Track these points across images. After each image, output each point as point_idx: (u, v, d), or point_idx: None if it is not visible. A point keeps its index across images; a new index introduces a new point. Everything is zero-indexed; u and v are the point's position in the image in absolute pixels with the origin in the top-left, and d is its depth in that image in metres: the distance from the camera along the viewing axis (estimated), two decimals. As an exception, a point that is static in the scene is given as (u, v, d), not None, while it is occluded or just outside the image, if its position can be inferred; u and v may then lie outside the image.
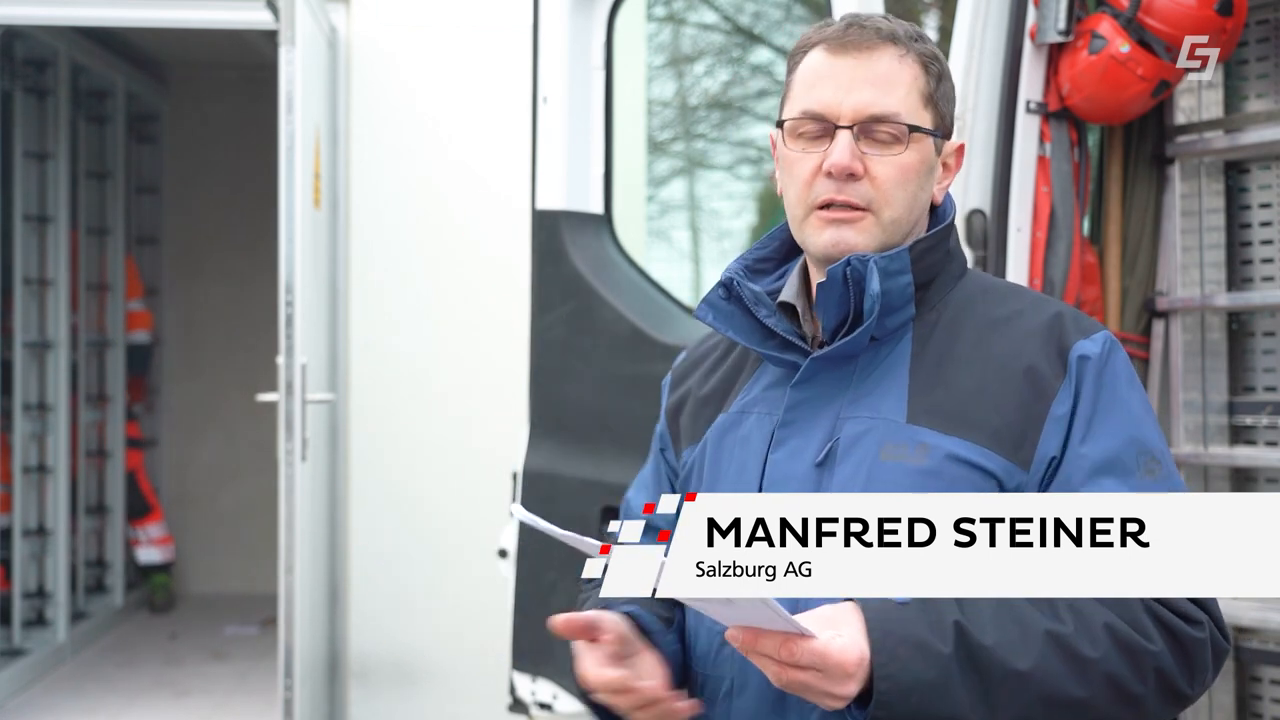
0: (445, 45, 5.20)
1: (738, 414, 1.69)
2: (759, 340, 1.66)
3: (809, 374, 1.62)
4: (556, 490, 3.38)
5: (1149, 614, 1.48)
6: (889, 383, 1.60)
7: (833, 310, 1.60)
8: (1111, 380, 1.57)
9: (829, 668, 1.36)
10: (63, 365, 6.14)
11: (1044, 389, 1.56)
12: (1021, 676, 1.42)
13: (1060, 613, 1.45)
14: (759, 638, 1.37)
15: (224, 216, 7.72)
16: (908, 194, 1.61)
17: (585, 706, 1.67)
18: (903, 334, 1.62)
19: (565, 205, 3.49)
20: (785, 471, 1.61)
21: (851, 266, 1.57)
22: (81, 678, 5.90)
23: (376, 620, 5.14)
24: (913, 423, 1.56)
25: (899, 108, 1.59)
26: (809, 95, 1.61)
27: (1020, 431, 1.54)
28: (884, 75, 1.59)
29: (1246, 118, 3.13)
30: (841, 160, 1.58)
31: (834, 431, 1.59)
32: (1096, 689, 1.44)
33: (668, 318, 3.39)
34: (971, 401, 1.56)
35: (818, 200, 1.60)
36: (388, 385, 5.15)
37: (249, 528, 7.43)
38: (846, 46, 1.60)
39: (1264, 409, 3.12)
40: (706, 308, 1.68)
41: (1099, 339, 1.59)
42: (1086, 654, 1.44)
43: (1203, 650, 1.51)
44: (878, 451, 1.56)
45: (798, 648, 1.35)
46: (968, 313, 1.64)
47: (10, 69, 5.85)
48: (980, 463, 1.53)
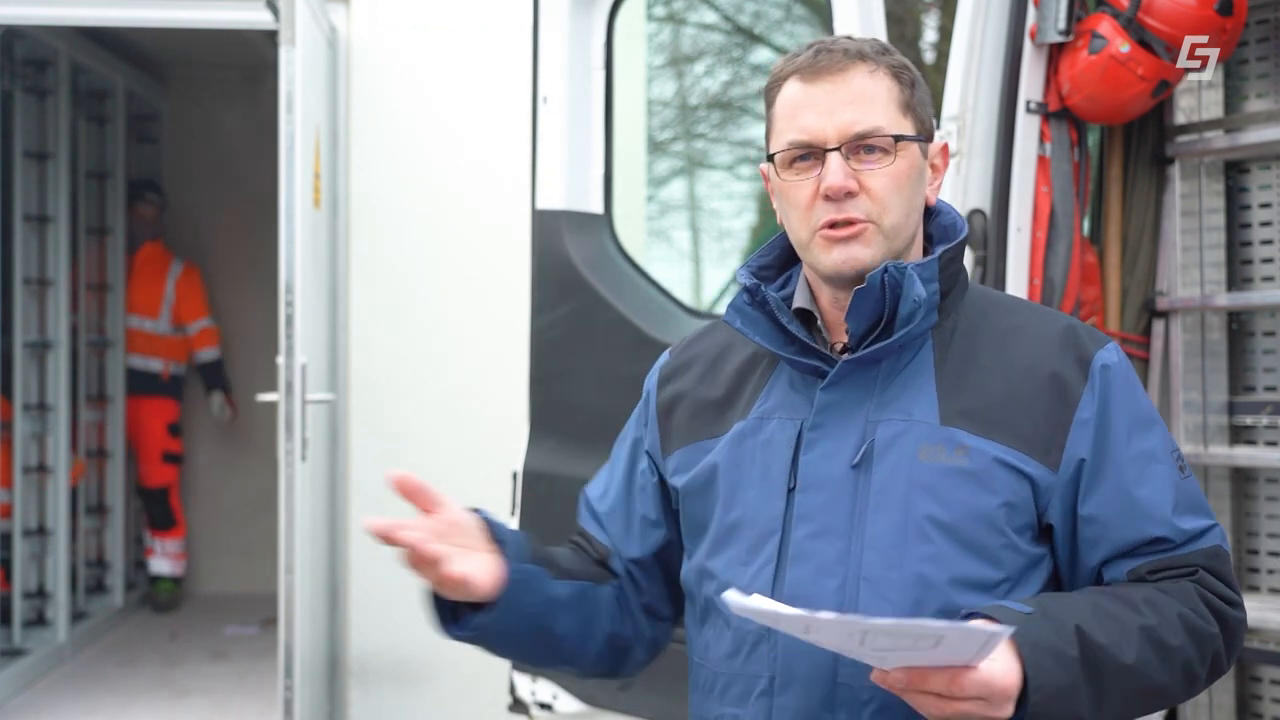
0: (445, 45, 5.20)
1: (757, 420, 1.71)
2: (781, 344, 1.69)
3: (839, 377, 1.65)
4: (556, 490, 3.38)
5: (1202, 600, 1.60)
6: (916, 386, 1.64)
7: (866, 316, 1.64)
8: (1132, 387, 1.67)
9: (994, 695, 1.42)
10: (63, 365, 6.14)
11: (1068, 395, 1.62)
12: (1128, 671, 1.51)
13: (1140, 606, 1.55)
14: (926, 676, 1.41)
15: (224, 216, 7.71)
16: (904, 200, 1.66)
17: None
18: (923, 341, 1.67)
19: (565, 205, 3.49)
20: (821, 473, 1.64)
21: (889, 273, 1.61)
22: (81, 678, 5.90)
23: (376, 620, 5.14)
24: (947, 424, 1.61)
25: (881, 120, 1.64)
26: (792, 125, 1.66)
27: (1048, 435, 1.61)
28: (860, 93, 1.64)
29: (1246, 118, 3.13)
30: (836, 181, 1.62)
31: (866, 434, 1.63)
32: (1175, 675, 1.56)
33: (668, 318, 3.39)
34: (1000, 406, 1.62)
35: (820, 223, 1.64)
36: (388, 385, 5.15)
37: (249, 528, 7.43)
38: (819, 72, 1.65)
39: (1264, 409, 3.12)
40: (734, 313, 1.72)
41: (1113, 349, 1.68)
42: (1171, 643, 1.54)
43: (1242, 630, 1.64)
44: (915, 452, 1.61)
45: (966, 680, 1.41)
46: (982, 321, 1.69)
47: (10, 69, 5.85)
48: (1019, 466, 1.60)
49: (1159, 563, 1.61)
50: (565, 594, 1.74)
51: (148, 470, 7.20)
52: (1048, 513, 1.62)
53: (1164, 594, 1.58)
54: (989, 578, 1.59)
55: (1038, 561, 1.62)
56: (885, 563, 1.59)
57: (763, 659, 1.63)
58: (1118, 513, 1.61)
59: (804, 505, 1.63)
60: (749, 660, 1.65)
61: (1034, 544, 1.62)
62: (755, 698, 1.64)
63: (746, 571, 1.66)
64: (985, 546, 1.59)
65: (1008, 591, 1.59)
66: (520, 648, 1.76)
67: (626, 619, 1.82)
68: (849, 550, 1.60)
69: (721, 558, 1.69)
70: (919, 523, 1.59)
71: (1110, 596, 1.56)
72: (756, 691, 1.64)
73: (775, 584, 1.63)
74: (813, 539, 1.62)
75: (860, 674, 1.55)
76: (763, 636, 1.63)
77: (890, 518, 1.60)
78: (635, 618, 1.83)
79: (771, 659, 1.62)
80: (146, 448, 7.17)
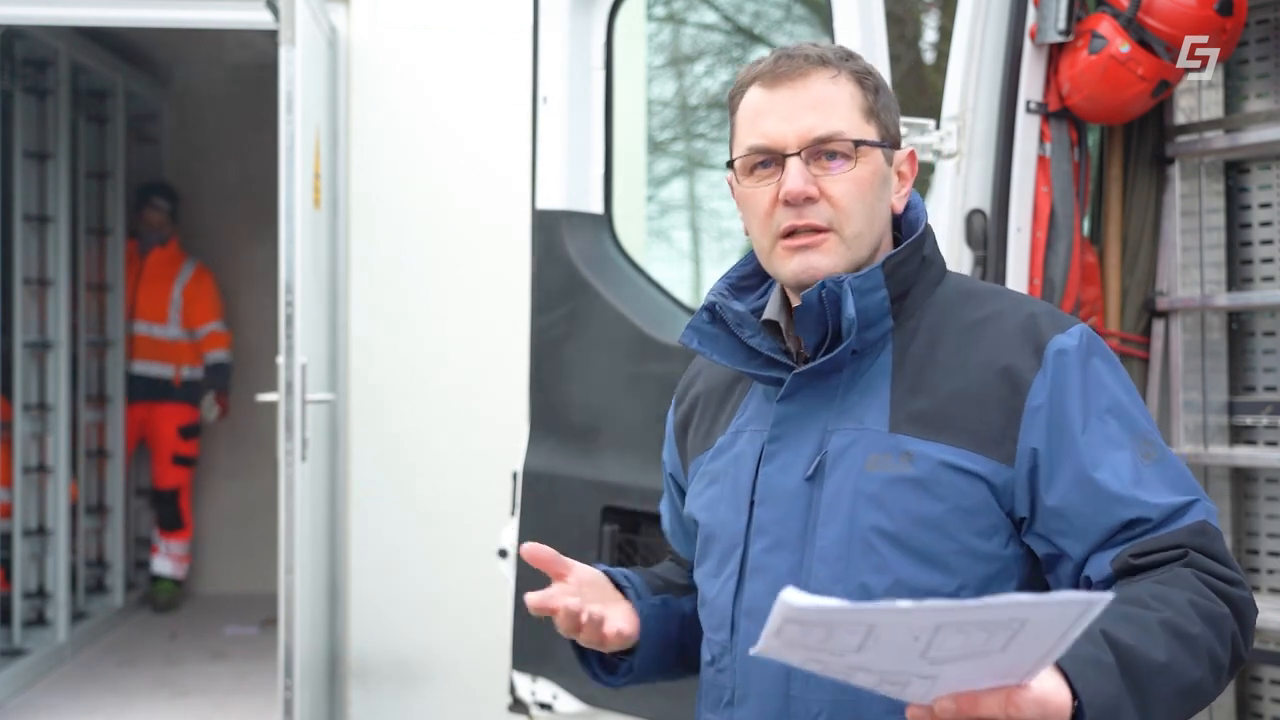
0: (445, 45, 5.20)
1: (733, 434, 1.73)
2: (743, 360, 1.68)
3: (793, 389, 1.64)
4: (556, 490, 3.38)
5: (1203, 583, 1.49)
6: (872, 394, 1.62)
7: (811, 331, 1.63)
8: (1094, 371, 1.59)
9: (1050, 714, 1.30)
10: (63, 365, 6.14)
11: (1019, 384, 1.57)
12: (1164, 669, 1.41)
13: (1149, 602, 1.45)
14: (979, 701, 1.27)
15: (224, 216, 7.71)
16: (865, 207, 1.63)
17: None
18: (883, 345, 1.64)
19: (565, 205, 3.49)
20: (776, 485, 1.64)
21: (826, 289, 1.59)
22: (81, 678, 5.90)
23: (376, 620, 5.14)
24: (895, 431, 1.59)
25: (841, 125, 1.62)
26: (753, 130, 1.64)
27: (1000, 429, 1.56)
28: (821, 98, 1.62)
29: (1246, 118, 3.13)
30: (795, 186, 1.60)
31: (822, 445, 1.62)
32: (1205, 666, 1.45)
33: (667, 318, 3.39)
34: (950, 406, 1.58)
35: (780, 229, 1.63)
36: (388, 385, 5.15)
37: (249, 528, 7.43)
38: (779, 78, 1.64)
39: (1264, 409, 3.12)
40: (691, 333, 1.71)
41: (1075, 333, 1.61)
42: (1192, 632, 1.44)
43: (1250, 609, 1.53)
44: (863, 462, 1.58)
45: (1022, 700, 1.28)
46: (948, 318, 1.65)
47: (10, 69, 5.85)
48: (967, 466, 1.55)
49: (1140, 546, 1.52)
50: (691, 608, 1.80)
51: (159, 472, 7.24)
52: (1017, 509, 1.56)
53: (1165, 585, 1.48)
54: (942, 586, 1.55)
55: (1008, 566, 1.57)
56: (832, 575, 1.57)
57: (726, 671, 1.65)
58: (1082, 500, 1.54)
59: (761, 519, 1.64)
60: (718, 671, 1.68)
61: (1008, 545, 1.57)
62: (722, 707, 1.67)
63: (715, 584, 1.68)
64: (934, 554, 1.55)
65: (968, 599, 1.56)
66: (670, 669, 1.83)
67: None
68: (801, 563, 1.60)
69: (700, 570, 1.73)
70: (864, 534, 1.56)
71: (1115, 599, 1.44)
72: (723, 701, 1.66)
73: (736, 598, 1.64)
74: (768, 552, 1.62)
75: (812, 688, 1.55)
76: (725, 648, 1.65)
77: (837, 530, 1.58)
78: None
79: (731, 672, 1.64)
80: (158, 450, 7.20)
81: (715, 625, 1.68)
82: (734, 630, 1.64)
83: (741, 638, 1.62)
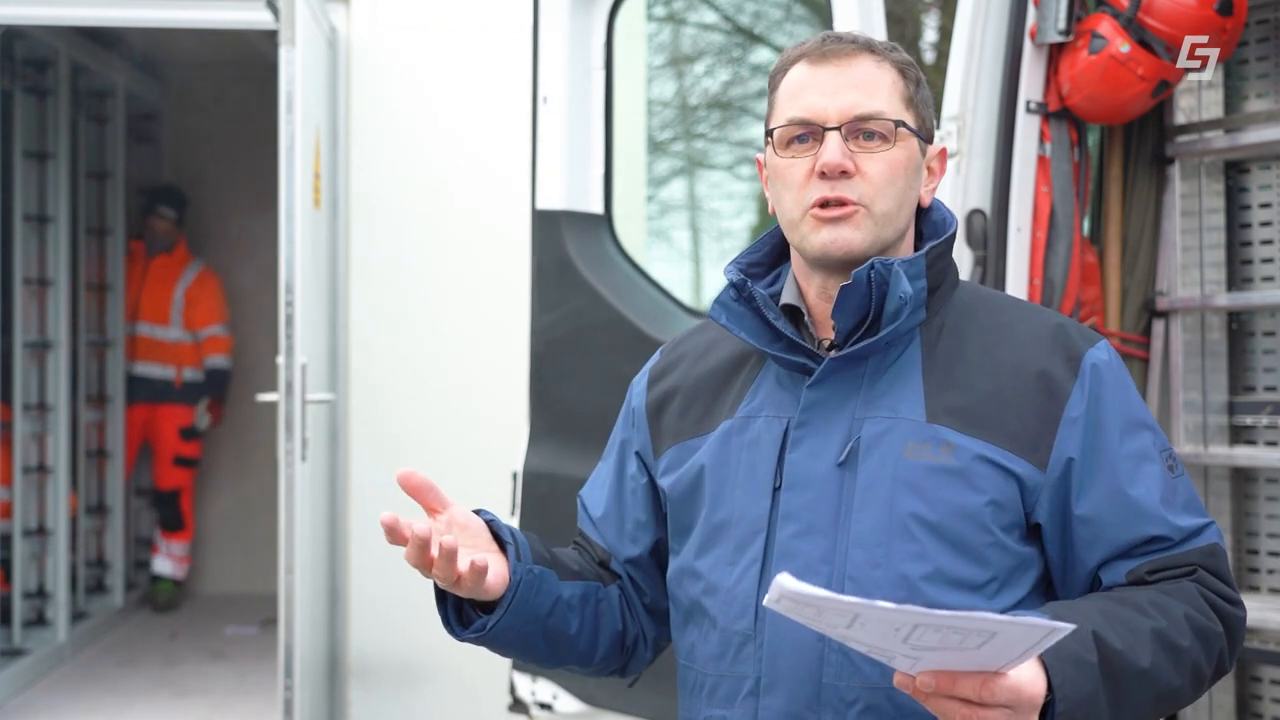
0: (446, 45, 5.19)
1: (744, 419, 1.71)
2: (768, 341, 1.68)
3: (825, 374, 1.65)
4: (556, 490, 3.38)
5: (1204, 599, 1.59)
6: (903, 384, 1.63)
7: (852, 312, 1.63)
8: (1124, 386, 1.65)
9: (1022, 703, 1.39)
10: (63, 365, 6.14)
11: (1057, 393, 1.61)
12: (1145, 675, 1.50)
13: (1148, 609, 1.53)
14: (956, 681, 1.36)
15: (223, 216, 7.71)
16: (897, 191, 1.65)
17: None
18: (910, 338, 1.66)
19: (565, 205, 3.49)
20: (806, 471, 1.63)
21: (875, 270, 1.60)
22: (81, 678, 5.90)
23: (376, 620, 5.14)
24: (933, 422, 1.60)
25: (883, 106, 1.65)
26: (795, 104, 1.66)
27: (1036, 434, 1.60)
28: (865, 79, 1.65)
29: (1246, 118, 3.13)
30: (833, 158, 1.62)
31: (852, 431, 1.62)
32: (1186, 676, 1.55)
33: (668, 318, 3.40)
34: (987, 404, 1.61)
35: (812, 201, 1.63)
36: (388, 385, 5.15)
37: (249, 528, 7.43)
38: (826, 56, 1.66)
39: (1264, 409, 3.12)
40: (720, 308, 1.71)
41: (1104, 347, 1.66)
42: (1181, 644, 1.53)
43: (1242, 628, 1.63)
44: (901, 449, 1.60)
45: (996, 686, 1.36)
46: (969, 319, 1.68)
47: (10, 69, 5.85)
48: (1005, 464, 1.59)
49: (1158, 562, 1.59)
50: (573, 594, 1.75)
51: (160, 473, 7.25)
52: (1035, 512, 1.60)
53: (1168, 595, 1.56)
54: (975, 577, 1.58)
55: (1026, 561, 1.61)
56: (870, 561, 1.58)
57: (749, 660, 1.63)
58: (1113, 512, 1.59)
59: (789, 504, 1.63)
60: (736, 661, 1.65)
61: (1022, 543, 1.61)
62: (742, 698, 1.64)
63: (733, 571, 1.66)
64: (971, 545, 1.58)
65: (996, 591, 1.58)
66: (528, 648, 1.76)
67: (631, 618, 1.83)
68: (834, 549, 1.60)
69: (708, 558, 1.69)
70: (903, 520, 1.58)
71: (1117, 601, 1.54)
72: (744, 692, 1.64)
73: (761, 583, 1.62)
74: (798, 538, 1.62)
75: (846, 674, 1.56)
76: (749, 637, 1.63)
77: (875, 516, 1.59)
78: (639, 617, 1.84)
79: (758, 660, 1.62)
80: (160, 451, 7.21)
81: (735, 614, 1.65)
82: (758, 616, 1.62)
83: (769, 623, 1.60)
